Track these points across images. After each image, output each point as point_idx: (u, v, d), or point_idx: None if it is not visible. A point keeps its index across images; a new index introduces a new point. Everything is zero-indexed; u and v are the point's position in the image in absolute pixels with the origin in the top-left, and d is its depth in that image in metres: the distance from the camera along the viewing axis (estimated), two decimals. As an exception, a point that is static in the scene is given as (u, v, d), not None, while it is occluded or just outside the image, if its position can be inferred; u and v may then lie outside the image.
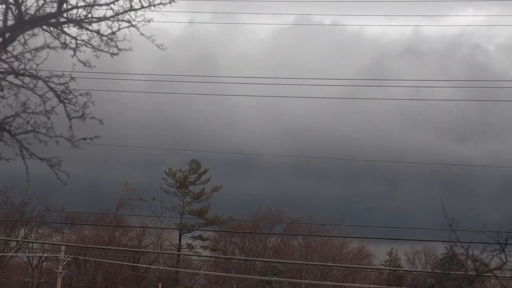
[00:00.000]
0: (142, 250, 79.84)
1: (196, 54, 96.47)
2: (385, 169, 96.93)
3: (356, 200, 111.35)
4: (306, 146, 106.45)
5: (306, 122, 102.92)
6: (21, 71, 13.45)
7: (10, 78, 13.44)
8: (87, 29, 13.63)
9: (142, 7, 13.61)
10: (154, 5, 13.69)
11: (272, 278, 75.03)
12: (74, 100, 13.61)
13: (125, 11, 13.63)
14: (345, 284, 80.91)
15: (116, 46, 13.80)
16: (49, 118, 13.31)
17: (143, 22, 13.71)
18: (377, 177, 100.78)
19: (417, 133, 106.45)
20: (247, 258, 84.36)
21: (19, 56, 13.45)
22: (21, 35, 13.43)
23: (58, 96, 13.57)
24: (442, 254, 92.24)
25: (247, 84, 31.32)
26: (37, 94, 13.36)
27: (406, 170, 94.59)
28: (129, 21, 13.67)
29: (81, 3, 13.49)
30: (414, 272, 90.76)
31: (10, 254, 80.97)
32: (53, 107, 13.47)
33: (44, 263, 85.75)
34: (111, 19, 13.60)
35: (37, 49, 13.50)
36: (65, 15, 13.53)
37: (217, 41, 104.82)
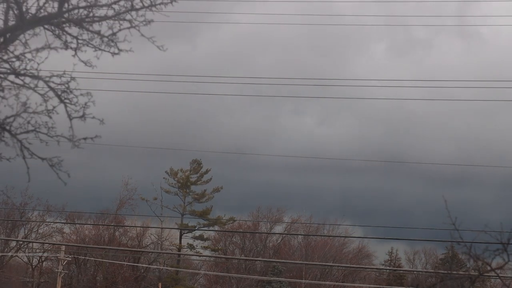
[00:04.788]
0: (142, 250, 79.77)
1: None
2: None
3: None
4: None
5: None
6: (22, 71, 13.44)
7: (11, 78, 13.44)
8: (87, 29, 13.61)
9: (143, 6, 13.57)
10: (155, 5, 13.65)
11: (272, 278, 74.91)
12: (75, 100, 13.60)
13: (126, 11, 13.60)
14: (345, 284, 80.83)
15: (117, 46, 13.78)
16: (50, 117, 13.30)
17: (144, 23, 13.67)
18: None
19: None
20: (247, 258, 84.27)
21: (20, 56, 13.43)
22: (22, 35, 13.42)
23: (58, 96, 13.55)
24: (443, 253, 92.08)
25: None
26: (39, 93, 13.35)
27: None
28: (130, 21, 13.63)
29: (82, 3, 13.47)
30: (415, 272, 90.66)
31: (10, 254, 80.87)
32: (54, 107, 13.46)
33: (44, 263, 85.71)
34: (112, 18, 13.57)
35: (38, 49, 13.49)
36: (66, 15, 13.51)
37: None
